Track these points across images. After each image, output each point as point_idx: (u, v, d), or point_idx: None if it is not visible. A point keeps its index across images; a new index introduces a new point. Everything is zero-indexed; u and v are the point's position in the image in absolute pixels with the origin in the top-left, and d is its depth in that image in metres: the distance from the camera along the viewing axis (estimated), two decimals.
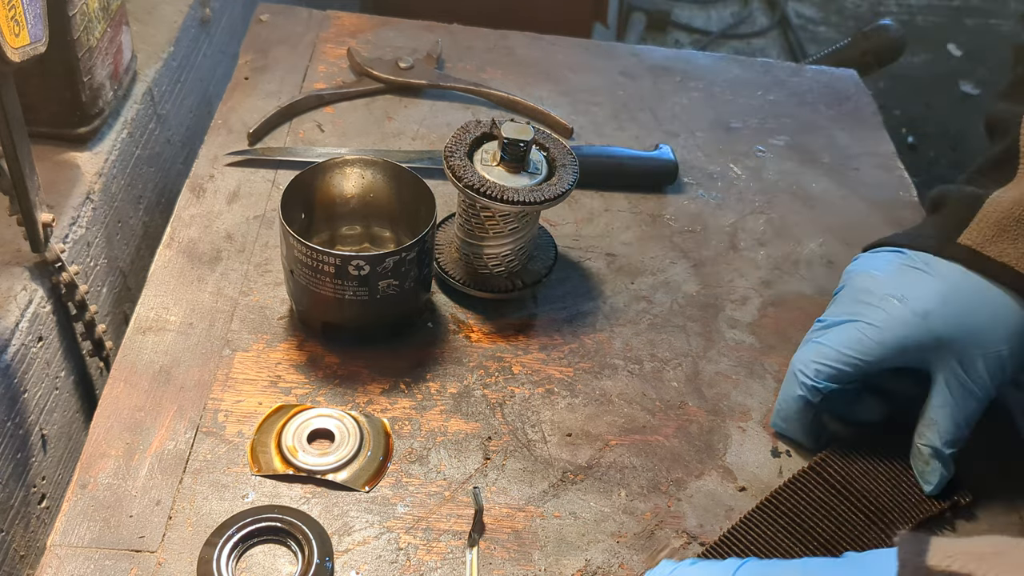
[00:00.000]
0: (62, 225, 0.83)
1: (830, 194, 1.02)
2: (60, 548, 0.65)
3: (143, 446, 0.71)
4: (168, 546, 0.66)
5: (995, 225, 0.73)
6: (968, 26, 3.08)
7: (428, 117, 1.04)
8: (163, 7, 1.09)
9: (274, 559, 0.66)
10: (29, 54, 0.68)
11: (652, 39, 2.51)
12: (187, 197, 0.91)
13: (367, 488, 0.71)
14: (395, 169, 0.81)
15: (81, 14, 0.82)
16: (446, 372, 0.80)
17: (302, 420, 0.73)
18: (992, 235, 0.73)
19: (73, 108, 0.87)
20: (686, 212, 0.97)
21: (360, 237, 0.85)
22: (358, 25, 1.15)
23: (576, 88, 1.11)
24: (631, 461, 0.75)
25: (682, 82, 1.14)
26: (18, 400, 0.75)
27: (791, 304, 0.89)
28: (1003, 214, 0.73)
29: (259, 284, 0.84)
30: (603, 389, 0.80)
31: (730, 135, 1.08)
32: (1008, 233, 0.72)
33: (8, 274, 0.77)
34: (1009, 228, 0.72)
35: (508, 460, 0.74)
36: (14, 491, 0.76)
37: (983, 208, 0.74)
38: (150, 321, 0.80)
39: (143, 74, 0.99)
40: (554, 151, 0.81)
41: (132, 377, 0.76)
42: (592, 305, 0.87)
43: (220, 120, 0.99)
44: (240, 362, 0.78)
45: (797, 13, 2.87)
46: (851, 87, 1.17)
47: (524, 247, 0.83)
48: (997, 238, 0.73)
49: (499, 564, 0.68)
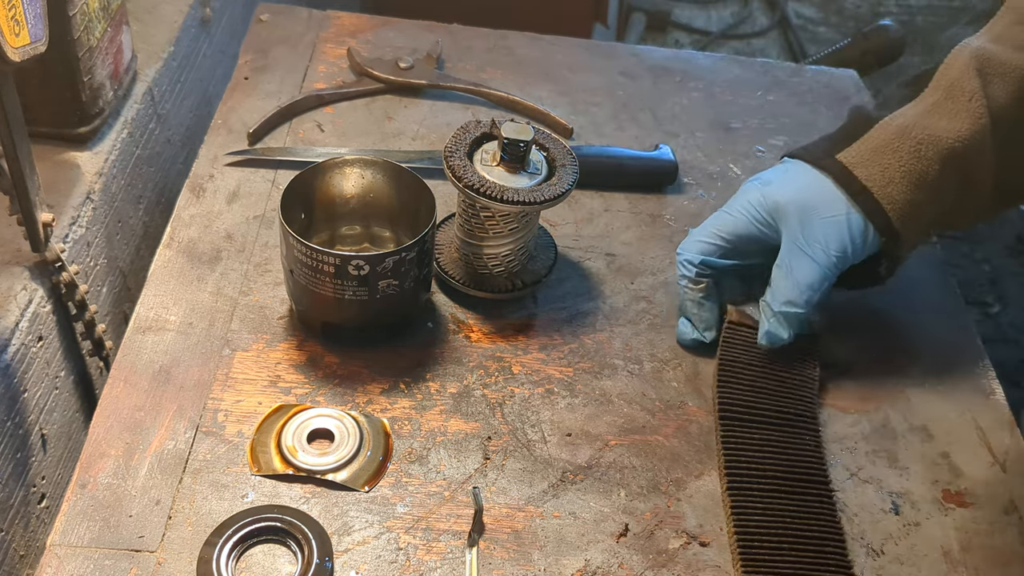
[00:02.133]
0: (62, 225, 0.83)
1: None
2: (60, 548, 0.65)
3: (143, 446, 0.71)
4: (168, 546, 0.66)
5: (872, 149, 0.78)
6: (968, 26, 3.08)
7: (428, 117, 1.04)
8: (163, 7, 1.09)
9: (274, 559, 0.66)
10: (29, 54, 0.68)
11: (652, 39, 2.51)
12: (187, 197, 0.91)
13: (367, 488, 0.71)
14: (395, 169, 0.81)
15: (81, 14, 0.82)
16: (446, 372, 0.80)
17: (302, 420, 0.73)
18: (866, 157, 0.78)
19: (73, 108, 0.87)
20: (686, 212, 0.97)
21: (360, 237, 0.85)
22: (358, 25, 1.15)
23: (576, 88, 1.11)
24: (631, 461, 0.75)
25: (682, 82, 1.14)
26: (18, 400, 0.75)
27: None
28: (882, 140, 0.78)
29: (259, 284, 0.84)
30: (603, 389, 0.80)
31: (730, 135, 1.08)
32: (881, 158, 0.77)
33: (8, 274, 0.77)
34: (883, 153, 0.77)
35: (508, 460, 0.74)
36: (14, 491, 0.76)
37: (871, 131, 0.79)
38: (150, 321, 0.80)
39: (143, 74, 0.99)
40: (554, 151, 0.81)
41: (132, 377, 0.76)
42: (592, 305, 0.87)
43: (220, 120, 0.99)
44: (240, 362, 0.78)
45: (797, 13, 2.86)
46: (851, 87, 1.17)
47: (524, 247, 0.83)
48: (869, 161, 0.77)
49: (499, 564, 0.68)
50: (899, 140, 0.77)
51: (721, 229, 0.82)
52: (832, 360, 0.84)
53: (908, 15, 3.07)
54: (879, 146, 0.78)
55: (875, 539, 0.72)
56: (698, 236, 0.83)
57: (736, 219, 0.81)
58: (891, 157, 0.77)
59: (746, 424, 0.76)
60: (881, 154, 0.77)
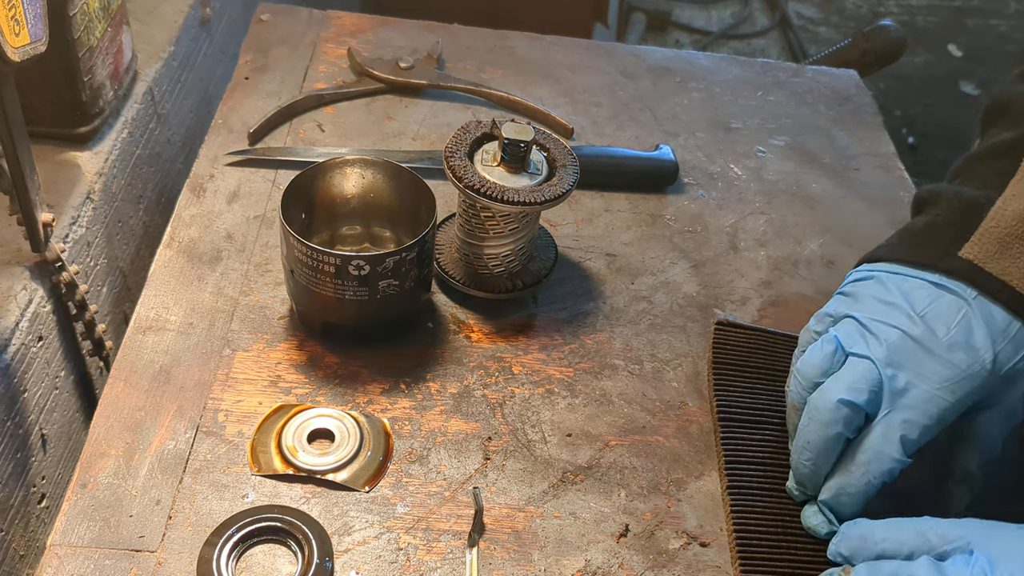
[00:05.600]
0: (62, 225, 0.83)
1: (830, 194, 1.02)
2: (60, 548, 0.65)
3: (143, 446, 0.71)
4: (168, 546, 0.66)
5: (998, 241, 0.69)
6: (968, 26, 3.08)
7: (428, 117, 1.04)
8: (163, 7, 1.09)
9: (274, 559, 0.66)
10: (29, 53, 0.68)
11: (652, 39, 2.51)
12: (187, 197, 0.91)
13: (367, 488, 0.71)
14: (395, 169, 0.81)
15: (81, 14, 0.82)
16: (446, 372, 0.80)
17: (302, 420, 0.73)
18: (995, 251, 0.69)
19: (73, 108, 0.87)
20: (686, 212, 0.97)
21: (360, 237, 0.85)
22: (358, 25, 1.15)
23: (576, 88, 1.11)
24: (631, 461, 0.75)
25: (682, 82, 1.14)
26: (18, 400, 0.75)
27: (791, 305, 0.89)
28: (1007, 229, 0.69)
29: (259, 284, 0.84)
30: (603, 389, 0.80)
31: (730, 135, 1.08)
32: (1010, 250, 0.69)
33: (8, 274, 0.77)
34: (1012, 244, 0.69)
35: (508, 460, 0.74)
36: (14, 491, 0.75)
37: (986, 220, 0.70)
38: (150, 321, 0.80)
39: (143, 74, 0.99)
40: (554, 151, 0.81)
41: (132, 377, 0.76)
42: (592, 305, 0.87)
43: (220, 120, 0.99)
44: (240, 362, 0.78)
45: (797, 13, 2.87)
46: (851, 87, 1.17)
47: (524, 247, 0.83)
48: (999, 255, 0.69)
49: (499, 564, 0.68)
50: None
51: (934, 418, 0.66)
52: None
53: (908, 15, 3.07)
54: (1003, 237, 0.69)
55: None
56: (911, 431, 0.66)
57: (953, 406, 0.66)
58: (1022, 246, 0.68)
59: (746, 424, 0.76)
60: (1008, 246, 0.68)
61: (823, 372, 0.68)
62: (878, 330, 0.68)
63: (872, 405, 0.66)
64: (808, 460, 0.68)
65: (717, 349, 0.81)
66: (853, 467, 0.67)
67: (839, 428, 0.66)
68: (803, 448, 0.68)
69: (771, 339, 0.82)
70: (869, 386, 0.66)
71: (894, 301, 0.69)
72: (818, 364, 0.69)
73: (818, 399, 0.67)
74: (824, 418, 0.67)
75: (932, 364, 0.66)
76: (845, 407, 0.66)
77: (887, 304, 0.69)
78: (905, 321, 0.68)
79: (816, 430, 0.67)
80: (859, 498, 0.67)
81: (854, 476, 0.67)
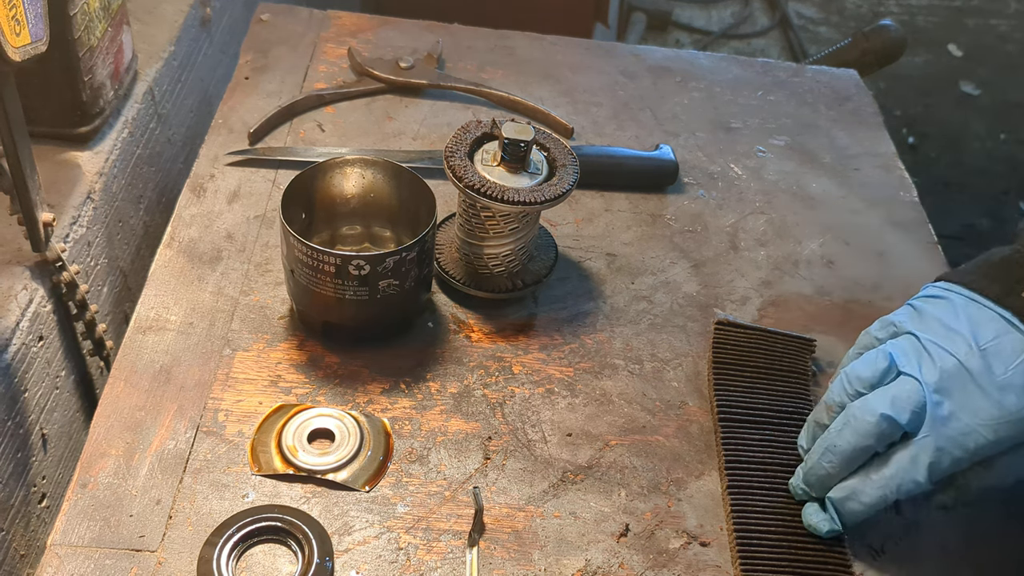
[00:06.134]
0: (63, 224, 0.83)
1: (830, 194, 1.02)
2: (60, 547, 0.65)
3: (143, 446, 0.71)
4: (168, 546, 0.66)
5: None
6: (968, 26, 3.08)
7: (428, 117, 1.04)
8: (164, 7, 1.09)
9: (274, 559, 0.66)
10: (30, 53, 0.68)
11: (653, 39, 2.51)
12: (187, 197, 0.91)
13: (367, 488, 0.71)
14: (395, 169, 0.81)
15: (82, 13, 0.82)
16: (446, 372, 0.80)
17: (302, 420, 0.73)
18: None
19: (74, 108, 0.87)
20: (686, 212, 0.97)
21: (360, 237, 0.85)
22: (359, 25, 1.15)
23: (576, 88, 1.11)
24: (631, 461, 0.75)
25: (682, 82, 1.14)
26: (18, 399, 0.75)
27: (791, 304, 0.89)
28: None
29: (259, 284, 0.84)
30: (603, 389, 0.80)
31: (730, 135, 1.08)
32: None
33: (9, 273, 0.77)
34: None
35: (508, 460, 0.74)
36: (14, 490, 0.76)
37: None
38: (150, 321, 0.80)
39: (144, 74, 0.99)
40: (554, 151, 0.81)
41: (132, 377, 0.76)
42: (592, 305, 0.87)
43: (220, 120, 0.99)
44: (240, 362, 0.78)
45: (797, 13, 2.87)
46: (851, 87, 1.17)
47: (524, 247, 0.83)
48: None
49: (499, 564, 0.68)
50: None
51: (977, 446, 0.66)
52: (829, 359, 0.84)
53: (908, 15, 3.07)
54: None
55: (875, 539, 0.72)
56: (951, 456, 0.66)
57: (991, 444, 0.66)
58: None
59: (746, 424, 0.77)
60: None
61: (870, 385, 0.68)
62: (936, 354, 0.68)
63: (912, 425, 0.66)
64: (830, 463, 0.68)
65: (717, 349, 0.81)
66: (875, 477, 0.67)
67: (872, 441, 0.66)
68: (827, 450, 0.68)
69: (771, 339, 0.82)
70: (912, 407, 0.66)
71: (958, 328, 0.68)
72: (868, 376, 0.69)
73: (859, 408, 0.67)
74: (861, 428, 0.66)
75: (981, 400, 0.66)
76: (885, 422, 0.66)
77: (950, 330, 0.69)
78: (964, 351, 0.67)
79: (848, 437, 0.67)
80: (870, 506, 0.67)
81: (872, 485, 0.67)
